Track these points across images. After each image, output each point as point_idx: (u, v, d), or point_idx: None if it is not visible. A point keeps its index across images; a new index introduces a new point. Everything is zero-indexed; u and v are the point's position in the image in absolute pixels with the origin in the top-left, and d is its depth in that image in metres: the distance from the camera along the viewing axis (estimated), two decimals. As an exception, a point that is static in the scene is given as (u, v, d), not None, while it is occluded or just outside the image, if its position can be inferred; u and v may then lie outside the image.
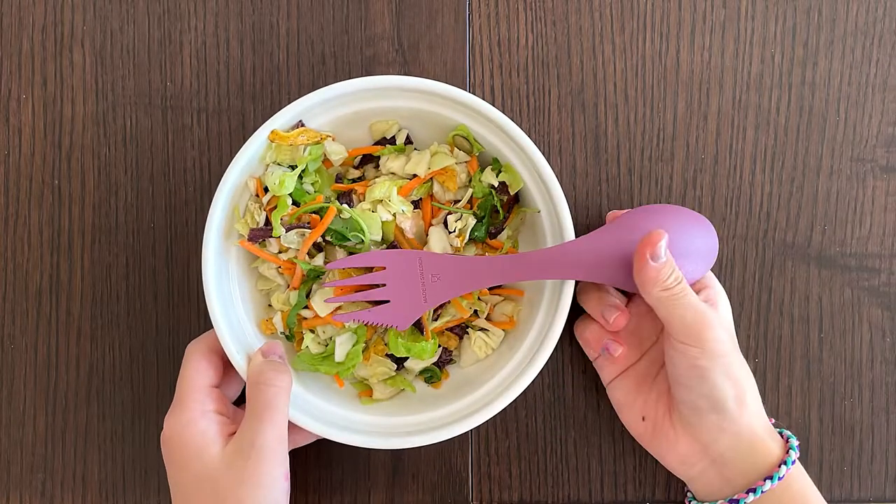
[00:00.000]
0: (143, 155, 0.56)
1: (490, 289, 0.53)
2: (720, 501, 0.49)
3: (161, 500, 0.56)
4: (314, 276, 0.51)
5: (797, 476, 0.49)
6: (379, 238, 0.51)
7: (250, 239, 0.50)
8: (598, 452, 0.56)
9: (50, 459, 0.56)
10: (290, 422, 0.47)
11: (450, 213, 0.52)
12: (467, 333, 0.53)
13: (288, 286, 0.52)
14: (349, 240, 0.50)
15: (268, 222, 0.50)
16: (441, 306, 0.52)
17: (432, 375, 0.53)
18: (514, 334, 0.52)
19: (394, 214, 0.51)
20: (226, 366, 0.50)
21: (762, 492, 0.48)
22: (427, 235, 0.52)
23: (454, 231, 0.51)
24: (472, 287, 0.49)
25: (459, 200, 0.52)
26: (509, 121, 0.48)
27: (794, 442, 0.50)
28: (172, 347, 0.56)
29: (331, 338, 0.51)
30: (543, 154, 0.49)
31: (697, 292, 0.50)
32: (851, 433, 0.56)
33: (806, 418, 0.56)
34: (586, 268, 0.48)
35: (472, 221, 0.52)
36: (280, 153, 0.50)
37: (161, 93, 0.56)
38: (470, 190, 0.52)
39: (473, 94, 0.55)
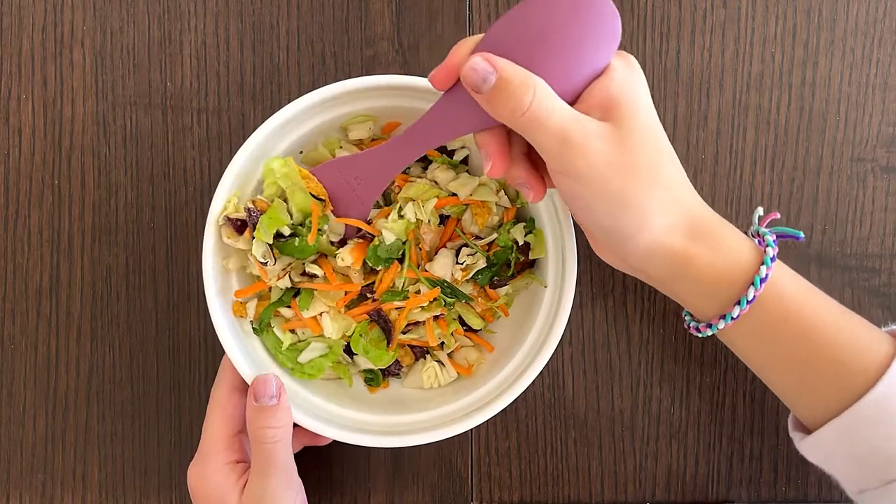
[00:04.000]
0: (143, 155, 0.56)
1: (466, 330, 0.53)
2: (702, 325, 0.46)
3: (161, 500, 0.56)
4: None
5: (775, 291, 0.44)
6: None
7: (230, 224, 0.49)
8: (598, 452, 0.56)
9: (50, 459, 0.56)
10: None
11: (466, 246, 0.52)
12: (425, 359, 0.53)
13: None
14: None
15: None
16: (414, 324, 0.52)
17: (374, 378, 0.53)
18: (516, 334, 0.52)
19: (418, 220, 0.51)
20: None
21: (732, 318, 0.44)
22: (436, 254, 0.52)
23: (462, 263, 0.51)
24: (391, 174, 0.48)
25: (481, 238, 0.52)
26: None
27: (770, 253, 0.44)
28: (172, 347, 0.56)
29: (306, 341, 0.52)
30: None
31: (587, 97, 0.41)
32: (851, 433, 0.56)
33: (806, 418, 0.56)
34: (464, 120, 0.43)
35: (481, 264, 0.51)
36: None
37: (161, 93, 0.56)
38: (495, 235, 0.52)
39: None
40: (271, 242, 0.48)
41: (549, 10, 0.40)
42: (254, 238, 0.48)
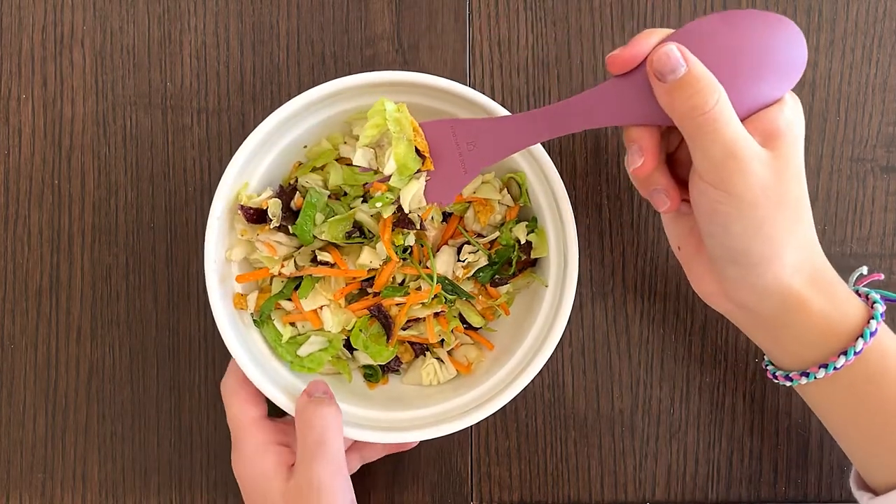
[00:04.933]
0: (143, 155, 0.56)
1: (466, 328, 0.53)
2: (793, 373, 0.45)
3: (161, 500, 0.56)
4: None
5: (879, 347, 0.43)
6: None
7: (243, 212, 0.49)
8: (598, 452, 0.56)
9: (50, 459, 0.56)
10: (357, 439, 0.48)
11: (468, 243, 0.51)
12: (424, 355, 0.53)
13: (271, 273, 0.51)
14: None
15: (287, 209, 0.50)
16: (415, 320, 0.52)
17: (373, 374, 0.53)
18: (516, 333, 0.52)
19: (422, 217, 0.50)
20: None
21: (835, 368, 0.43)
22: (438, 250, 0.52)
23: (464, 261, 0.51)
24: (512, 149, 0.45)
25: (484, 236, 0.52)
26: (560, 183, 0.48)
27: (880, 309, 0.44)
28: (172, 347, 0.56)
29: (305, 334, 0.51)
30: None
31: (755, 120, 0.41)
32: (851, 433, 0.56)
33: (806, 418, 0.56)
34: (628, 109, 0.43)
35: (483, 262, 0.51)
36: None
37: (161, 93, 0.56)
38: (497, 233, 0.52)
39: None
40: (325, 203, 0.48)
41: (751, 31, 0.41)
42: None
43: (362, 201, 0.50)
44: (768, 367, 0.48)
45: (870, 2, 0.56)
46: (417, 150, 0.46)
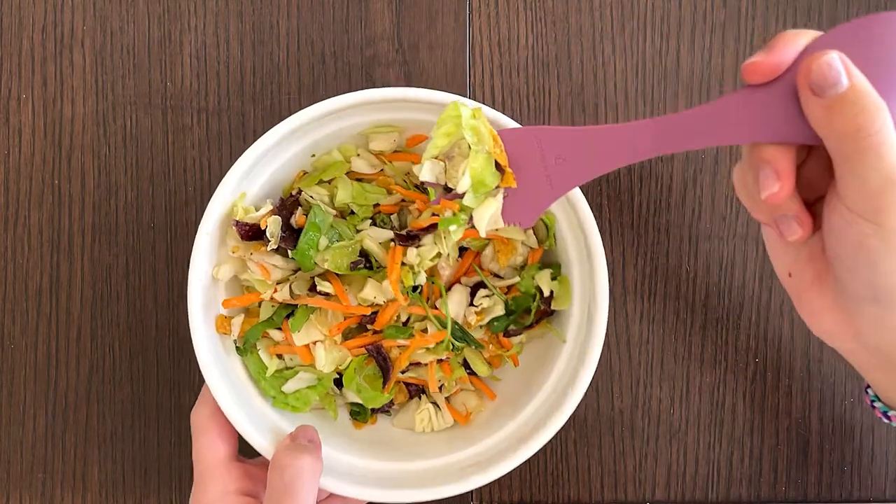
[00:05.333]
0: (143, 155, 0.56)
1: (469, 373, 0.49)
2: None
3: (161, 500, 0.56)
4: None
5: None
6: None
7: (237, 228, 0.45)
8: (598, 452, 0.56)
9: (50, 459, 0.56)
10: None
11: (484, 286, 0.46)
12: (420, 398, 0.49)
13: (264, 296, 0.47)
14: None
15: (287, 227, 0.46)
16: (415, 364, 0.48)
17: (361, 413, 0.49)
18: (524, 388, 0.47)
19: (438, 254, 0.45)
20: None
21: None
22: (449, 289, 0.47)
23: (478, 306, 0.46)
24: (610, 165, 0.39)
25: (500, 278, 0.47)
26: (595, 229, 0.43)
27: None
28: (172, 347, 0.56)
29: (293, 369, 0.47)
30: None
31: None
32: (851, 433, 0.56)
33: (806, 418, 0.56)
34: (765, 125, 0.37)
35: (499, 310, 0.46)
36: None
37: (161, 93, 0.56)
38: (517, 278, 0.47)
39: (473, 94, 0.55)
40: (330, 224, 0.43)
41: None
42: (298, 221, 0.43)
43: (371, 223, 0.46)
44: (877, 405, 0.44)
45: (870, 2, 0.56)
46: (496, 164, 0.40)
